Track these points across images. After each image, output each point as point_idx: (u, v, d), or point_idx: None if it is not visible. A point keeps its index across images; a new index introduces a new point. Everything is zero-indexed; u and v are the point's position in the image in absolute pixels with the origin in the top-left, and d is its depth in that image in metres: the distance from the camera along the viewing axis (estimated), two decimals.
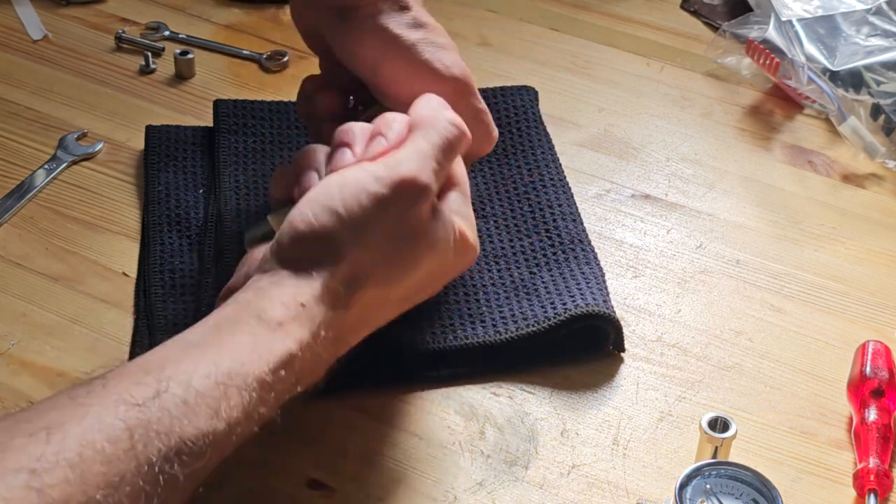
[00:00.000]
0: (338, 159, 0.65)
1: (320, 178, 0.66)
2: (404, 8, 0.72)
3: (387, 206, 0.62)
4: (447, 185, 0.66)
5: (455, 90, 0.70)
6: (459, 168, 0.68)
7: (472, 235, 0.67)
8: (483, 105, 0.72)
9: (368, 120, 0.68)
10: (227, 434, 0.53)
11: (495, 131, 0.74)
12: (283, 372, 0.56)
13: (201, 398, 0.53)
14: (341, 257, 0.61)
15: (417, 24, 0.71)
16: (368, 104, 0.75)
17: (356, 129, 0.67)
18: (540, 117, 0.90)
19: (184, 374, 0.53)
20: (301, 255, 0.61)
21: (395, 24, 0.71)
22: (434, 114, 0.66)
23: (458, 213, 0.66)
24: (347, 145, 0.66)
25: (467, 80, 0.71)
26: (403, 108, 0.69)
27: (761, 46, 0.96)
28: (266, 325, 0.57)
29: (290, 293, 0.59)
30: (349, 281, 0.61)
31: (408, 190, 0.62)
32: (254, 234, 0.68)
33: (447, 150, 0.65)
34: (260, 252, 0.64)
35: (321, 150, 0.68)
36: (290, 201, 0.65)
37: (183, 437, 0.51)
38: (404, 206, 0.62)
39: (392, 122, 0.66)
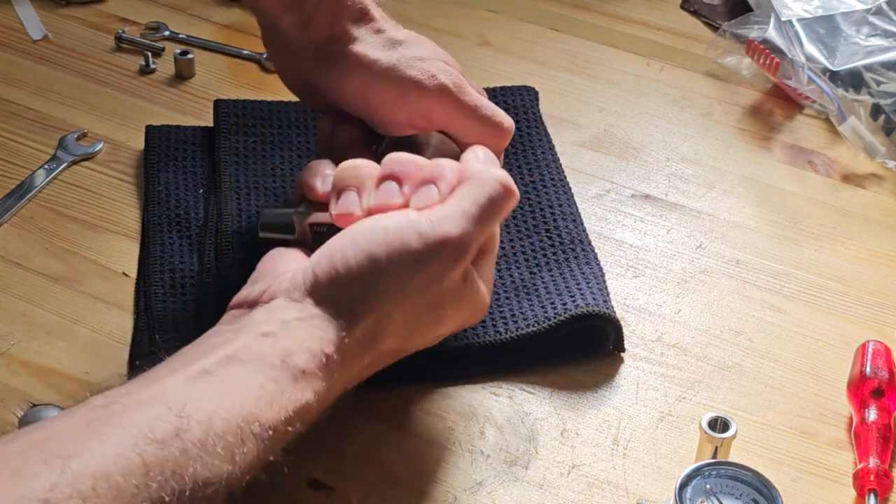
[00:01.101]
0: (385, 194, 0.64)
1: (360, 197, 0.64)
2: (378, 31, 0.72)
3: (425, 262, 0.61)
4: (483, 247, 0.65)
5: (443, 97, 0.69)
6: (496, 230, 0.67)
7: (488, 299, 0.66)
8: (478, 99, 0.71)
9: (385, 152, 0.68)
10: (239, 479, 0.53)
11: (506, 120, 0.72)
12: (298, 424, 0.56)
13: (220, 441, 0.52)
14: (373, 308, 0.60)
15: (393, 43, 0.71)
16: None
17: (407, 164, 0.65)
18: (540, 117, 0.90)
19: (205, 413, 0.52)
20: (335, 296, 0.60)
21: (372, 49, 0.71)
22: (483, 170, 0.65)
23: (485, 279, 0.66)
24: (398, 180, 0.64)
25: (455, 82, 0.70)
26: (399, 129, 0.70)
27: (761, 46, 0.96)
28: (289, 373, 0.56)
29: (319, 341, 0.58)
30: (374, 334, 0.60)
31: (448, 251, 0.61)
32: (271, 223, 0.67)
33: (493, 210, 0.63)
34: (283, 266, 0.63)
35: (365, 166, 0.66)
36: (318, 203, 0.65)
37: (197, 479, 0.50)
38: (442, 266, 0.61)
39: (445, 170, 0.64)
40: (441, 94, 0.69)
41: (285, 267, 0.63)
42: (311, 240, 0.66)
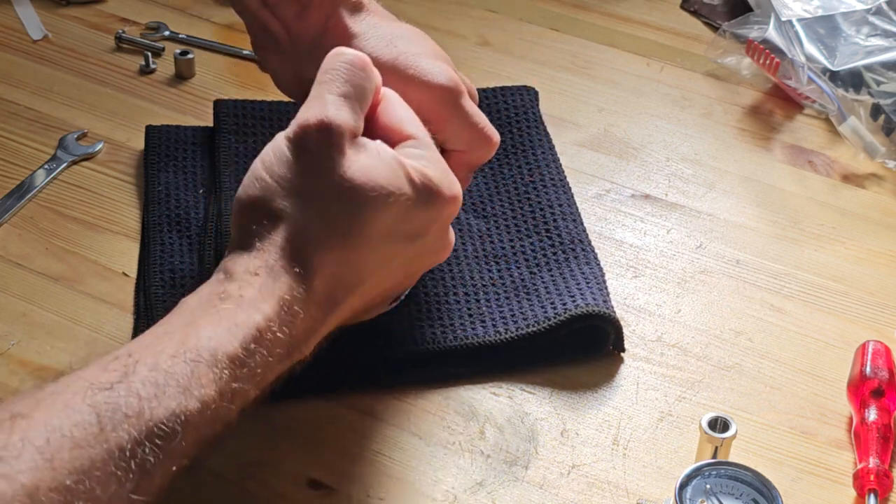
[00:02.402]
0: None
1: None
2: (375, 25, 0.71)
3: (298, 156, 0.60)
4: (391, 136, 0.64)
5: (443, 98, 0.69)
6: (413, 127, 0.65)
7: (442, 179, 0.63)
8: (474, 108, 0.71)
9: None
10: (201, 412, 0.52)
11: (495, 135, 0.72)
12: (252, 345, 0.55)
13: (170, 377, 0.52)
14: (277, 222, 0.60)
15: (391, 39, 0.71)
16: None
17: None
18: (540, 117, 0.90)
19: (151, 356, 0.53)
20: (245, 225, 0.60)
21: (370, 45, 0.70)
22: (330, 59, 0.64)
23: (415, 157, 0.63)
24: None
25: (455, 85, 0.70)
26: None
27: (761, 46, 0.96)
28: (228, 300, 0.57)
29: (244, 265, 0.58)
30: (295, 247, 0.59)
31: (312, 134, 0.60)
32: None
33: (350, 85, 0.62)
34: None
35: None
36: None
37: (153, 419, 0.50)
38: (315, 151, 0.60)
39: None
40: (441, 95, 0.69)
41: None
42: None
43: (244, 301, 0.57)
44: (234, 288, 0.57)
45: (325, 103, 0.62)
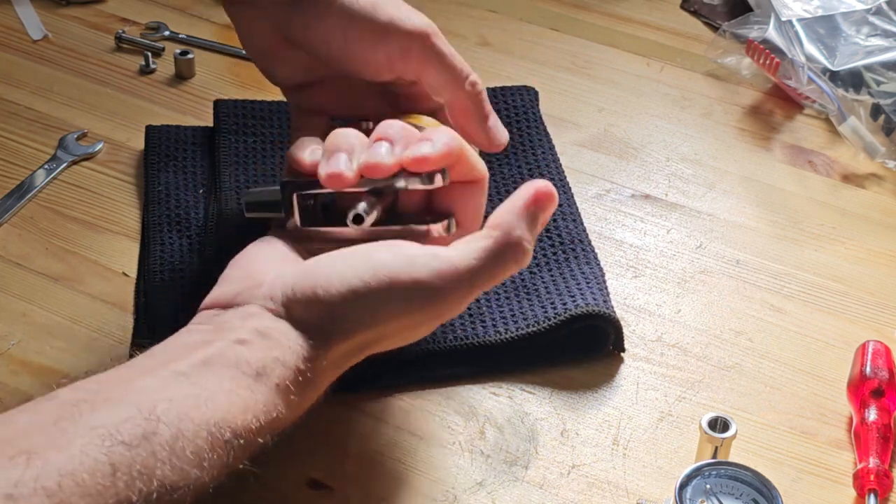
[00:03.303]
0: (376, 152, 0.62)
1: (350, 160, 0.62)
2: None
3: (416, 297, 0.59)
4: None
5: (422, 39, 0.68)
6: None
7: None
8: (451, 49, 0.70)
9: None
10: (206, 485, 0.52)
11: (473, 75, 0.70)
12: (267, 435, 0.56)
13: (189, 445, 0.51)
14: (352, 334, 0.59)
15: None
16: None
17: (400, 129, 0.63)
18: (540, 117, 0.90)
19: (175, 416, 0.52)
20: (313, 319, 0.58)
21: None
22: (512, 223, 0.62)
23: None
24: (390, 141, 0.62)
25: (433, 28, 0.69)
26: (378, 73, 0.69)
27: (761, 46, 0.96)
28: (263, 384, 0.56)
29: (293, 355, 0.57)
30: (352, 352, 0.60)
31: (454, 289, 0.59)
32: (257, 201, 0.66)
33: (497, 270, 0.61)
34: (259, 267, 0.62)
35: (356, 134, 0.64)
36: (308, 180, 0.63)
37: (164, 482, 0.50)
38: (444, 298, 0.60)
39: (441, 133, 0.62)
40: (420, 36, 0.68)
41: (261, 268, 0.62)
42: (300, 219, 0.65)
43: (279, 392, 0.56)
44: (275, 372, 0.56)
45: (484, 274, 0.60)
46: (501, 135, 0.72)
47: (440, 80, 0.69)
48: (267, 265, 0.62)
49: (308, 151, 0.65)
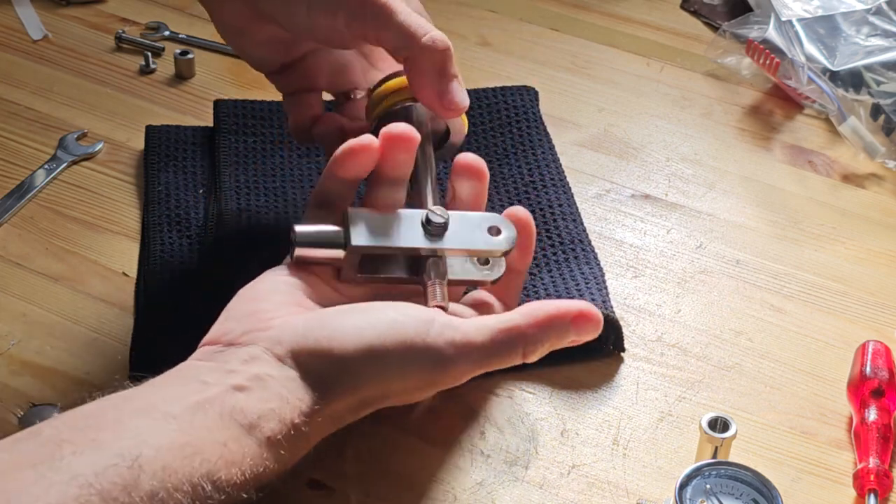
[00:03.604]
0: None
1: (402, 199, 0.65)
2: None
3: (427, 362, 0.60)
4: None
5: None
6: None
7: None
8: (404, 9, 0.67)
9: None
10: None
11: (432, 32, 0.66)
12: (251, 489, 0.54)
13: (170, 498, 0.50)
14: (360, 390, 0.59)
15: None
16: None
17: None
18: (540, 117, 0.90)
19: (160, 464, 0.50)
20: (320, 370, 0.58)
21: None
22: (539, 324, 0.63)
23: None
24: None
25: None
26: (339, 39, 0.68)
27: (761, 46, 0.96)
28: (255, 438, 0.55)
29: (291, 410, 0.56)
30: (355, 408, 0.60)
31: (463, 361, 0.61)
32: (314, 237, 0.64)
33: (504, 356, 0.63)
34: (265, 305, 0.61)
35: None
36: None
37: None
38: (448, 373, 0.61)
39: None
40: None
41: (269, 308, 0.61)
42: (357, 266, 0.65)
43: (268, 446, 0.55)
44: (269, 426, 0.55)
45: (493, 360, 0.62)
46: (458, 98, 0.67)
47: (396, 39, 0.66)
48: (276, 307, 0.61)
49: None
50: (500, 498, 0.65)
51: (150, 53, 0.98)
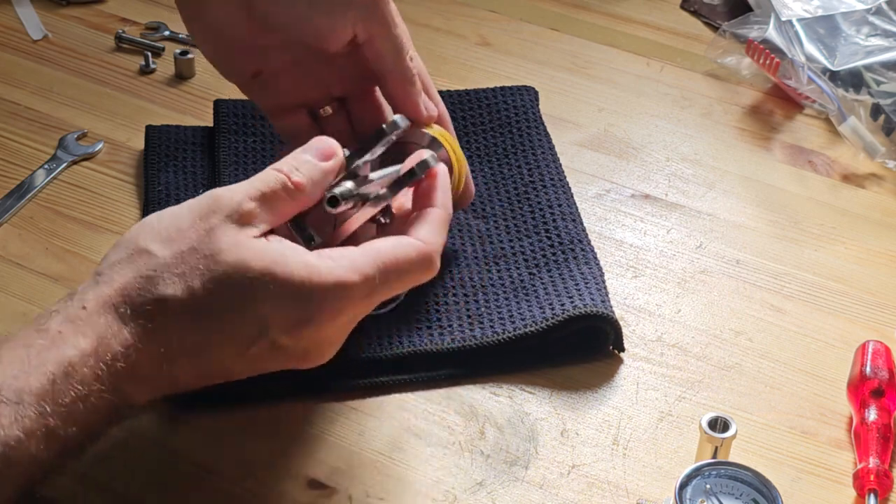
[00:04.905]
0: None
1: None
2: None
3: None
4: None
5: (377, 5, 0.69)
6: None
7: (330, 354, 0.62)
8: (397, 20, 0.71)
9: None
10: (3, 455, 0.50)
11: (412, 50, 0.72)
12: (61, 381, 0.53)
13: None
14: (138, 259, 0.58)
15: None
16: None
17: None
18: (540, 117, 0.90)
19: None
20: (115, 261, 0.58)
21: None
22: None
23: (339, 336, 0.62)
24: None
25: None
26: (336, 37, 0.69)
27: (761, 46, 0.96)
28: (45, 335, 0.54)
29: (76, 300, 0.56)
30: (138, 288, 0.57)
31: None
32: (349, 193, 0.64)
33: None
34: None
35: None
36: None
37: None
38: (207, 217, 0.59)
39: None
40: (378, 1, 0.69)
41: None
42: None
43: (60, 337, 0.54)
44: (54, 320, 0.55)
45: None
46: (431, 108, 0.73)
47: (387, 46, 0.70)
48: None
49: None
50: (500, 498, 0.65)
51: (149, 53, 0.98)
